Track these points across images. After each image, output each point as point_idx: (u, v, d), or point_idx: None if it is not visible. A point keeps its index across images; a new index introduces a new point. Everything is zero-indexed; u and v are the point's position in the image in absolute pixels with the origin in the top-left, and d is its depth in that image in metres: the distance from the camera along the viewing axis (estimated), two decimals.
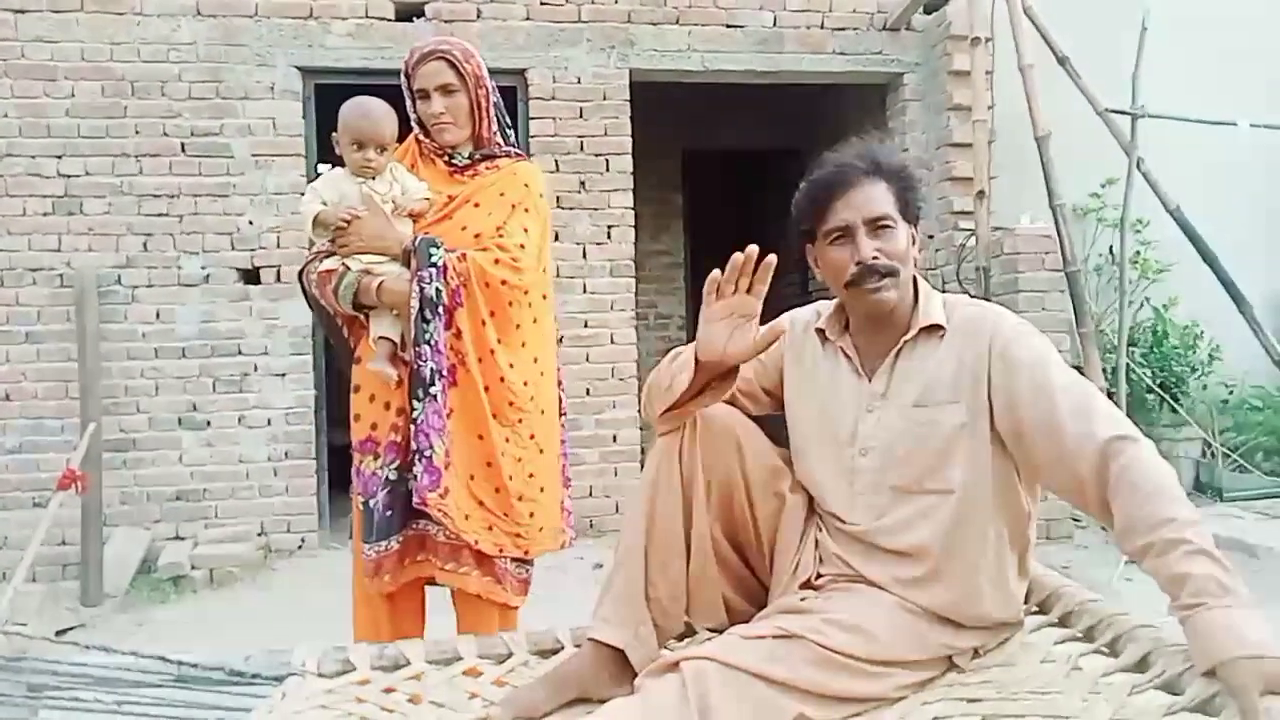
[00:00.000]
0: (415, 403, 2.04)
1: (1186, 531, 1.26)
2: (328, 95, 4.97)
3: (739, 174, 8.50)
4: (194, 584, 4.40)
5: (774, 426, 1.69)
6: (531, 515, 2.15)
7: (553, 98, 5.13)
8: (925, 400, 1.52)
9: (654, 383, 1.61)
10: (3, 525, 4.59)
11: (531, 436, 2.17)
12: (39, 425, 4.68)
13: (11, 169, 4.69)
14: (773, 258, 1.45)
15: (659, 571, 1.57)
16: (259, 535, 4.81)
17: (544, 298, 2.24)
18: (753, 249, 1.44)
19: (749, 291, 1.46)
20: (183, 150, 4.82)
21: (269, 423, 4.88)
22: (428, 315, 2.04)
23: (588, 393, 5.17)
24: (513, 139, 2.30)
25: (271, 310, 4.86)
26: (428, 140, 2.21)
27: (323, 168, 2.24)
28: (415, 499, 2.04)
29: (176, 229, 4.81)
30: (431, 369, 2.04)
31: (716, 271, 1.47)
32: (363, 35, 4.93)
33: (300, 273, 2.23)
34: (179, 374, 4.81)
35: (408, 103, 2.21)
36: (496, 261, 2.10)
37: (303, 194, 2.21)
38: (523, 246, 2.14)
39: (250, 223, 4.86)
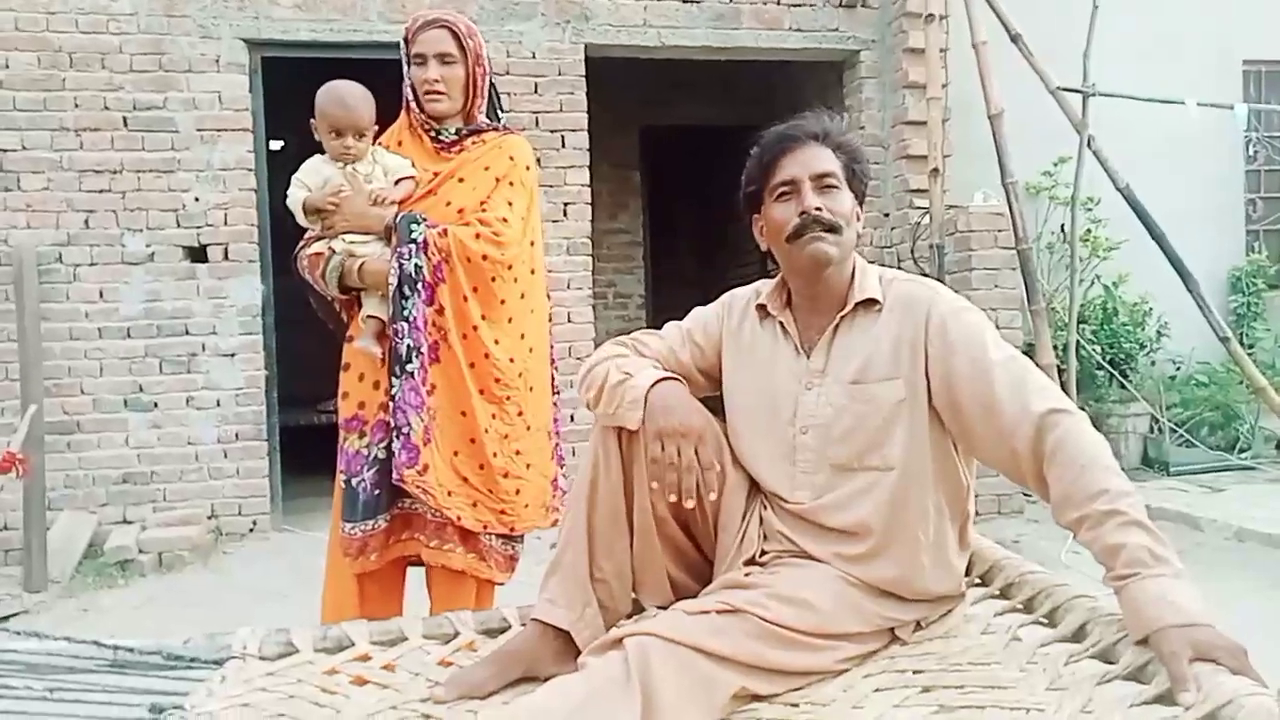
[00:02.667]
0: (394, 380, 2.03)
1: (1120, 503, 1.27)
2: (275, 68, 4.88)
3: (697, 151, 8.49)
4: (142, 568, 4.33)
5: (712, 406, 1.69)
6: (518, 492, 2.14)
7: (507, 72, 5.06)
8: (864, 376, 1.53)
9: (598, 389, 1.58)
10: None
11: (519, 413, 2.15)
12: None
13: None
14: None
15: (603, 551, 1.56)
16: (209, 518, 4.74)
17: (531, 272, 2.21)
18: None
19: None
20: (125, 124, 4.69)
21: (218, 403, 4.79)
22: (406, 291, 2.02)
23: None
24: (502, 121, 2.28)
25: (219, 289, 4.76)
26: (417, 111, 2.17)
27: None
28: (394, 476, 2.02)
29: (119, 205, 4.69)
30: (409, 345, 2.03)
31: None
32: (310, 7, 4.81)
33: (293, 258, 2.20)
34: (124, 354, 4.71)
35: (404, 69, 2.17)
36: (478, 236, 2.08)
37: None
38: (505, 220, 2.11)
39: (196, 199, 4.75)
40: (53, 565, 4.28)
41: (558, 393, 2.35)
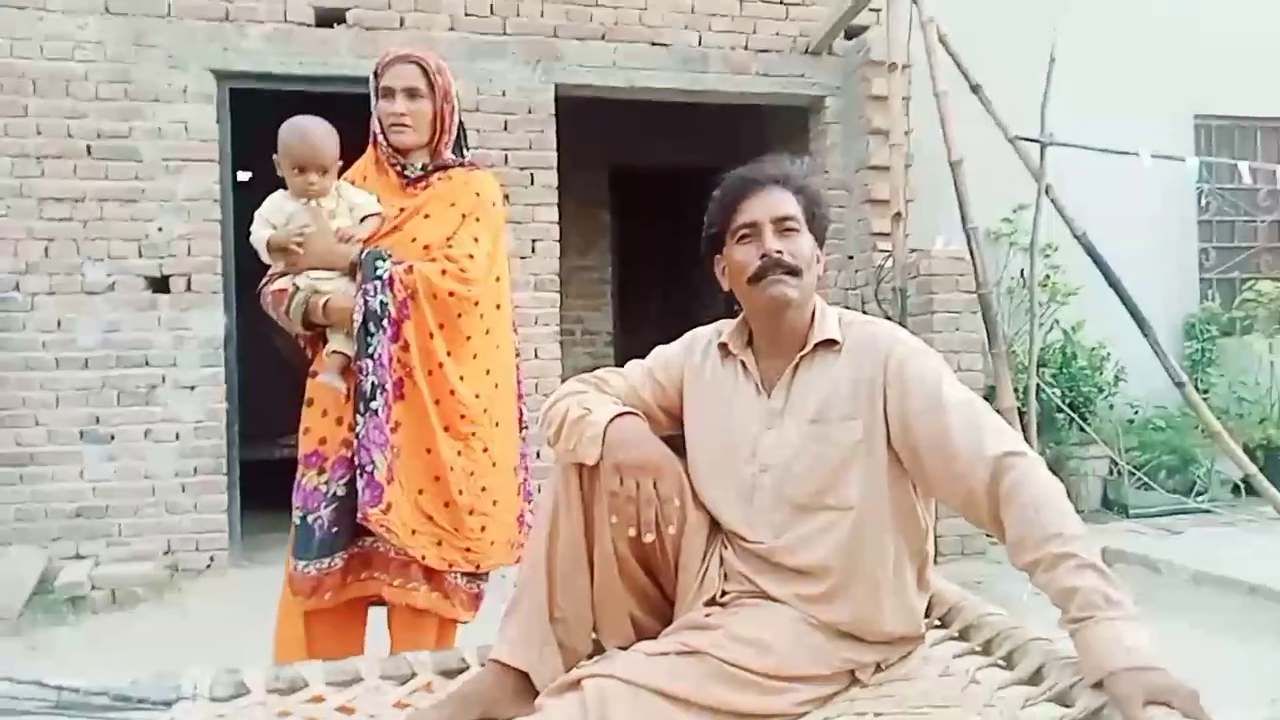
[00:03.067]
0: (358, 417, 2.01)
1: (1073, 545, 1.29)
2: (243, 100, 4.87)
3: (665, 191, 8.57)
4: (94, 605, 4.22)
5: (674, 445, 1.69)
6: (483, 529, 2.12)
7: (477, 109, 5.09)
8: (822, 417, 1.54)
9: (559, 425, 1.58)
10: None
11: (485, 450, 2.13)
12: None
13: None
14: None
15: (563, 591, 1.56)
16: (165, 554, 4.64)
17: (497, 308, 2.21)
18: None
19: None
20: (89, 152, 4.65)
21: (177, 436, 4.71)
22: (371, 329, 2.01)
23: None
24: (469, 157, 2.28)
25: (181, 320, 4.70)
26: (384, 145, 2.17)
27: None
28: (359, 515, 1.99)
29: (80, 234, 4.63)
30: (373, 383, 2.01)
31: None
32: (280, 40, 4.83)
33: (257, 293, 2.19)
34: (81, 385, 4.62)
35: (373, 103, 2.17)
36: (444, 273, 2.07)
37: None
38: (472, 257, 2.11)
39: (160, 229, 4.70)
40: (0, 601, 4.16)
41: (525, 428, 2.34)
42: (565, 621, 1.55)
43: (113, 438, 4.65)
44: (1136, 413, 6.11)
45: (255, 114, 4.53)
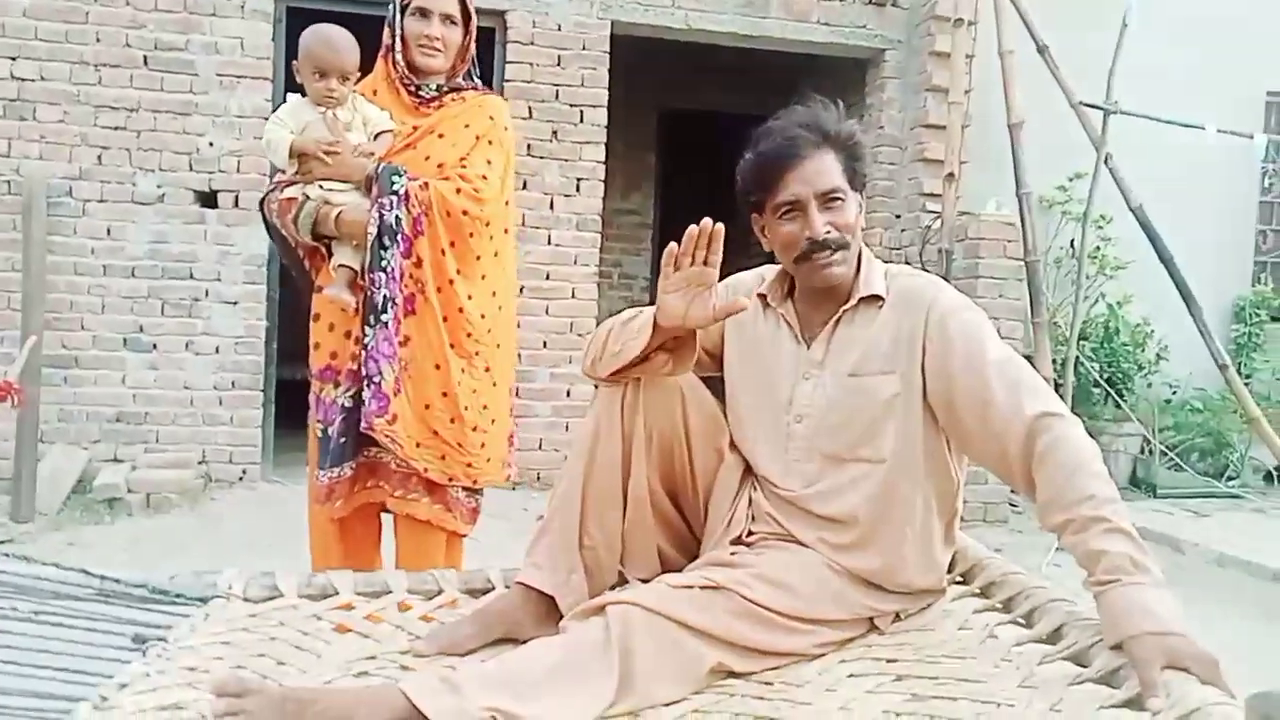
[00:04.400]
0: (367, 329, 2.04)
1: (1105, 509, 1.29)
2: (300, 19, 4.85)
3: (714, 137, 8.46)
4: (129, 508, 4.34)
5: (716, 388, 1.70)
6: (483, 446, 2.16)
7: (531, 43, 5.04)
8: (861, 370, 1.53)
9: (603, 341, 1.59)
10: None
11: (487, 369, 2.17)
12: None
13: None
14: (721, 227, 1.43)
15: (595, 519, 1.57)
16: (200, 463, 4.75)
17: (505, 231, 2.23)
18: (706, 222, 1.42)
19: (705, 263, 1.45)
20: (145, 63, 4.67)
21: (217, 350, 4.80)
22: (386, 242, 2.03)
23: (544, 345, 5.15)
24: (479, 83, 2.28)
25: (227, 235, 4.76)
26: (398, 64, 2.17)
27: (291, 97, 2.20)
28: (363, 424, 2.04)
29: (133, 144, 4.68)
30: (385, 296, 2.04)
31: (673, 245, 1.45)
32: None
33: (261, 201, 2.20)
34: (127, 293, 4.71)
35: (394, 20, 2.16)
36: (458, 191, 2.09)
37: (267, 119, 2.16)
38: (485, 178, 2.13)
39: (211, 144, 4.74)
40: (41, 498, 4.30)
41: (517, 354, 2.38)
42: (594, 550, 1.57)
43: (155, 347, 4.74)
44: (1175, 393, 6.02)
45: None
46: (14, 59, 4.56)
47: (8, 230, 4.56)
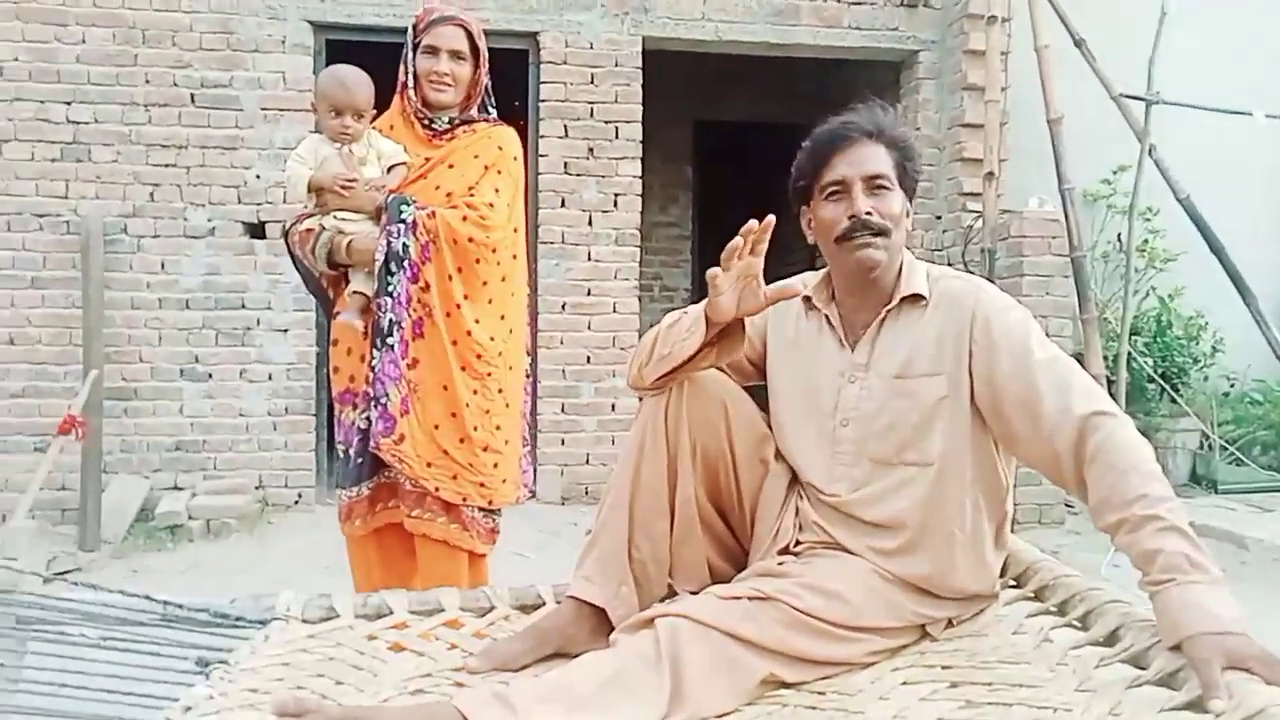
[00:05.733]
0: (374, 352, 2.12)
1: (1160, 508, 1.27)
2: (339, 51, 4.96)
3: (749, 147, 8.45)
4: (190, 534, 4.44)
5: (759, 397, 1.70)
6: (496, 466, 2.22)
7: (564, 62, 5.09)
8: (907, 372, 1.53)
9: (650, 348, 1.60)
10: (3, 468, 4.63)
11: (500, 390, 2.23)
12: (42, 370, 4.71)
13: (21, 113, 4.68)
14: (771, 217, 1.44)
15: (642, 532, 1.58)
16: (256, 488, 4.85)
17: (514, 257, 2.30)
18: (753, 222, 1.44)
19: (751, 253, 1.46)
20: (192, 101, 4.81)
21: (270, 377, 4.90)
22: (392, 268, 2.11)
23: (588, 360, 5.18)
24: (492, 114, 2.35)
25: (275, 265, 4.86)
26: (413, 100, 2.25)
27: (310, 135, 2.32)
28: (371, 444, 2.12)
29: (184, 180, 4.81)
30: (390, 320, 2.12)
31: (718, 266, 1.45)
32: None
33: (285, 233, 2.30)
34: (182, 325, 4.83)
35: (407, 57, 2.25)
36: (465, 219, 2.16)
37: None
38: (492, 205, 2.20)
39: (258, 176, 4.85)
40: (106, 527, 4.42)
41: (528, 375, 2.43)
42: (643, 562, 1.58)
43: (210, 376, 4.86)
44: (1233, 385, 5.86)
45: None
46: (69, 103, 4.72)
47: (67, 269, 4.71)
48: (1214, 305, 5.44)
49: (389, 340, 2.12)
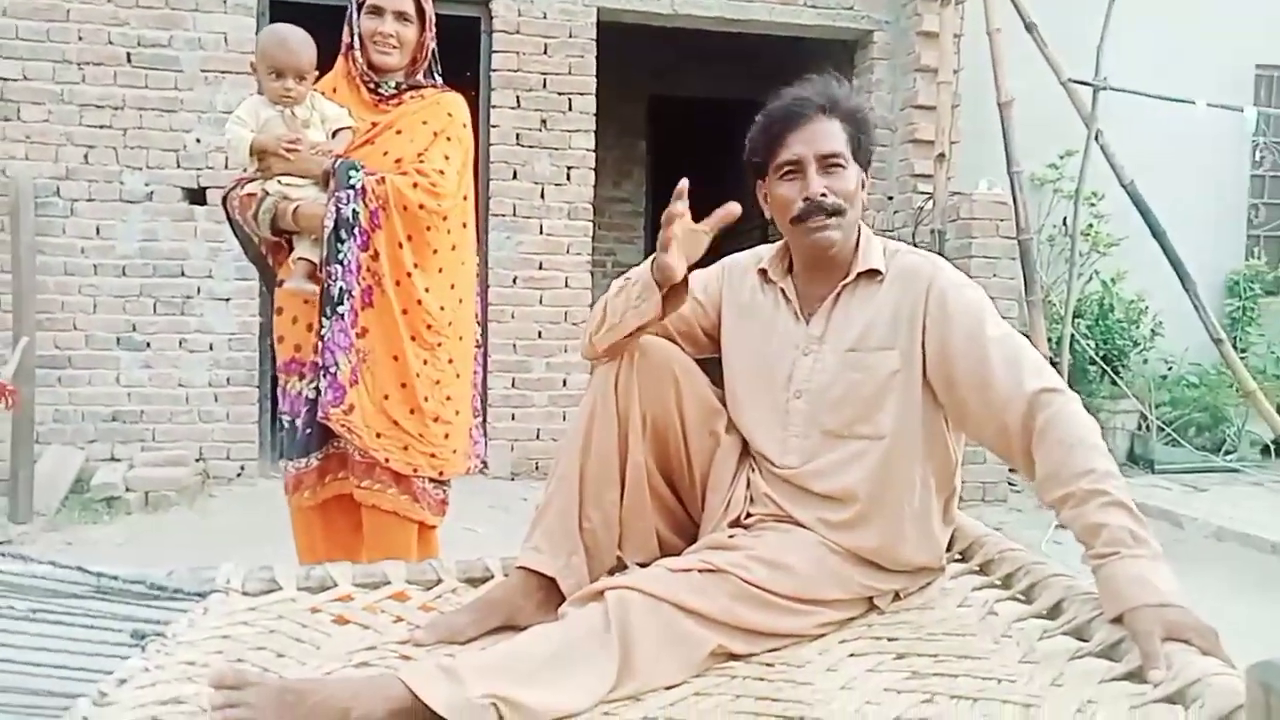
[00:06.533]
0: (323, 321, 2.07)
1: (1104, 483, 1.29)
2: (284, 12, 4.82)
3: (704, 124, 8.43)
4: (128, 506, 4.33)
5: (713, 370, 1.69)
6: (446, 437, 2.19)
7: (517, 32, 5.02)
8: (861, 345, 1.53)
9: (600, 317, 1.59)
10: None
11: (450, 361, 2.20)
12: None
13: None
14: (685, 181, 1.45)
15: (593, 501, 1.57)
16: (197, 460, 4.75)
17: (464, 226, 2.26)
18: (682, 183, 1.45)
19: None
20: (128, 60, 4.65)
21: (211, 347, 4.78)
22: (342, 235, 2.06)
23: (539, 335, 5.15)
24: (439, 81, 2.30)
25: (217, 232, 4.73)
26: (358, 61, 2.19)
27: (250, 96, 2.23)
28: (319, 414, 2.07)
29: (120, 142, 4.65)
30: (341, 288, 2.07)
31: (673, 211, 1.45)
32: None
33: (224, 199, 2.23)
34: (118, 292, 4.69)
35: (351, 16, 2.19)
36: (415, 186, 2.11)
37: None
38: (443, 173, 2.15)
39: (198, 140, 4.71)
40: (38, 498, 4.29)
41: (479, 345, 2.40)
42: (593, 532, 1.56)
43: (148, 345, 4.73)
44: (1170, 368, 6.03)
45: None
46: None
47: None
48: (1154, 289, 5.58)
49: (339, 309, 2.06)
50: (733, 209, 1.47)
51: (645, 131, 7.59)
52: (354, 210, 2.06)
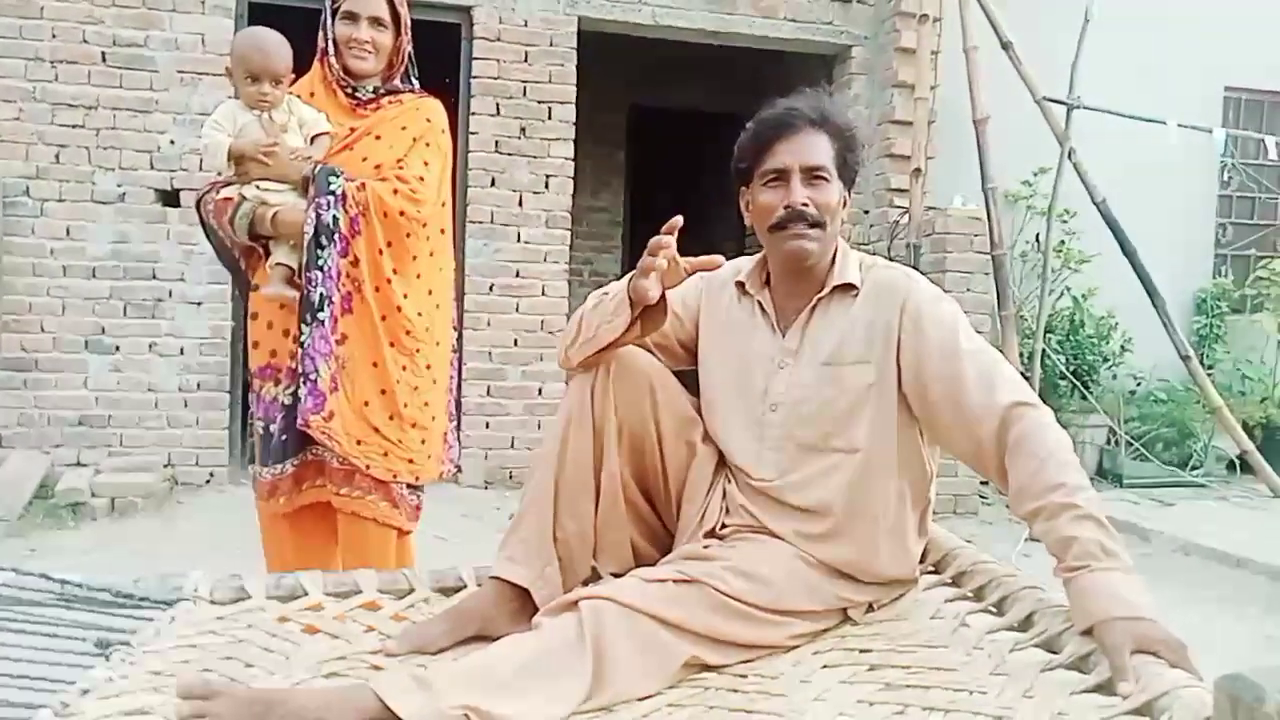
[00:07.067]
0: (304, 327, 2.05)
1: (1076, 497, 1.30)
2: (262, 14, 4.79)
3: (683, 135, 8.46)
4: (94, 512, 4.26)
5: (689, 381, 1.69)
6: (423, 443, 2.19)
7: (498, 39, 5.02)
8: (836, 359, 1.54)
9: (576, 329, 1.59)
10: None
11: (428, 367, 2.20)
12: None
13: None
14: (678, 219, 1.46)
15: (568, 511, 1.57)
16: (165, 466, 4.68)
17: (441, 232, 2.26)
18: (676, 219, 1.46)
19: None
20: (103, 59, 4.60)
21: (181, 351, 4.73)
22: (323, 241, 2.05)
23: (515, 343, 5.13)
24: (416, 86, 2.30)
25: (190, 235, 4.67)
26: (334, 67, 2.18)
27: (226, 100, 2.21)
28: (299, 421, 2.05)
29: (92, 142, 4.60)
30: (321, 294, 2.06)
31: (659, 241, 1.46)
32: None
33: (198, 203, 2.21)
34: (88, 294, 4.63)
35: (326, 23, 2.18)
36: (395, 192, 2.11)
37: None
38: (422, 179, 2.15)
39: (172, 142, 4.67)
40: (2, 504, 4.21)
41: (455, 351, 2.40)
42: (567, 543, 1.56)
43: (118, 348, 4.66)
44: (1139, 384, 6.11)
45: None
46: None
47: None
48: (1124, 305, 5.65)
49: (320, 315, 2.05)
50: (716, 260, 1.48)
51: (624, 141, 7.60)
52: (334, 216, 2.05)
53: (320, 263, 2.04)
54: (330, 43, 2.17)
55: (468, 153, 4.99)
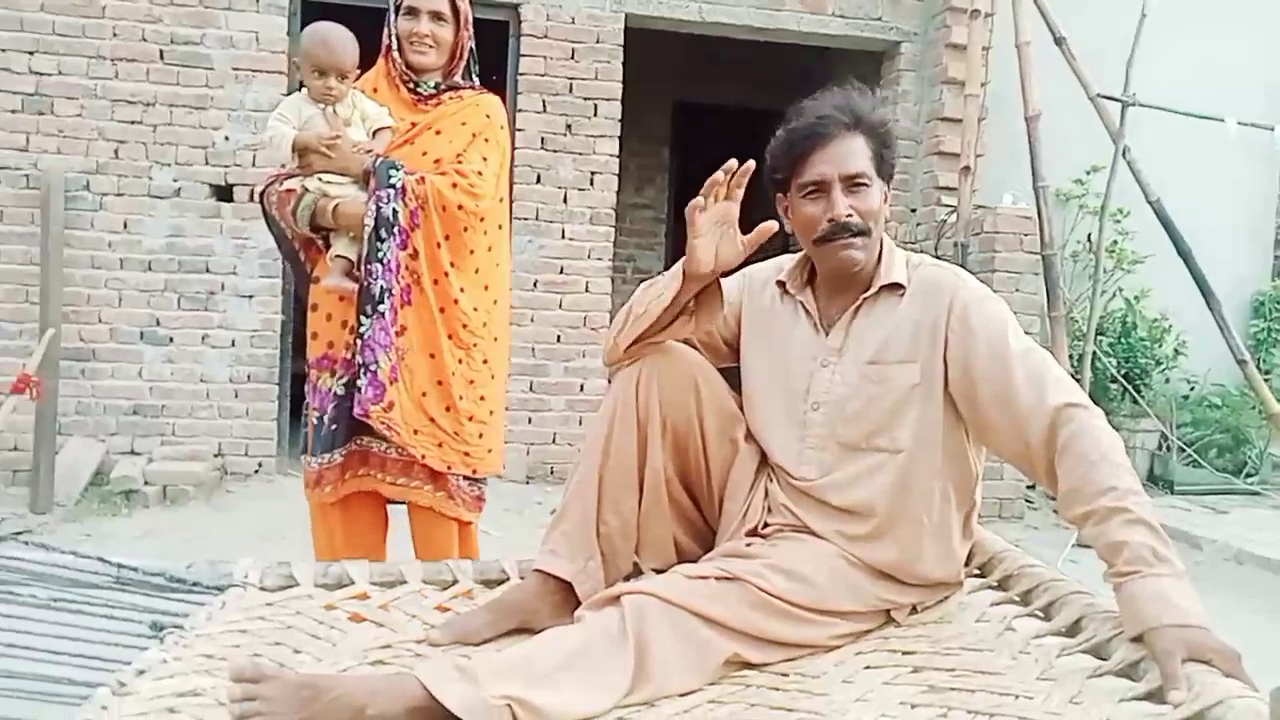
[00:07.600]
0: (363, 319, 2.08)
1: (1127, 500, 1.27)
2: (315, 12, 4.86)
3: (728, 132, 8.42)
4: (146, 499, 4.37)
5: (733, 378, 1.69)
6: (480, 436, 2.20)
7: (545, 36, 5.04)
8: (881, 358, 1.53)
9: (625, 313, 1.59)
10: None
11: (485, 361, 2.21)
12: None
13: None
14: (751, 163, 1.44)
15: (611, 506, 1.57)
16: (216, 456, 4.78)
17: (499, 227, 2.27)
18: (731, 162, 1.44)
19: (728, 197, 1.45)
20: (161, 57, 4.69)
21: (233, 343, 4.82)
22: (382, 234, 2.07)
23: (558, 339, 5.15)
24: (476, 83, 2.32)
25: (243, 230, 4.77)
26: (397, 62, 2.21)
27: (293, 94, 2.25)
28: (357, 410, 2.07)
29: (150, 138, 4.70)
30: (382, 287, 2.08)
31: (699, 197, 1.45)
32: None
33: (261, 194, 2.24)
34: (143, 287, 4.73)
35: (390, 19, 2.21)
36: (454, 186, 2.13)
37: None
38: (480, 174, 2.17)
39: (226, 138, 4.75)
40: (59, 489, 4.33)
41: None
42: (610, 537, 1.56)
43: (171, 340, 4.76)
44: (1193, 388, 5.97)
45: None
46: (31, 53, 4.58)
47: (25, 224, 4.59)
48: (1178, 308, 5.52)
49: (380, 307, 2.07)
50: (771, 226, 1.46)
51: (669, 138, 7.59)
52: (394, 209, 2.07)
53: (380, 255, 2.07)
54: (393, 38, 2.20)
55: (514, 149, 5.00)
